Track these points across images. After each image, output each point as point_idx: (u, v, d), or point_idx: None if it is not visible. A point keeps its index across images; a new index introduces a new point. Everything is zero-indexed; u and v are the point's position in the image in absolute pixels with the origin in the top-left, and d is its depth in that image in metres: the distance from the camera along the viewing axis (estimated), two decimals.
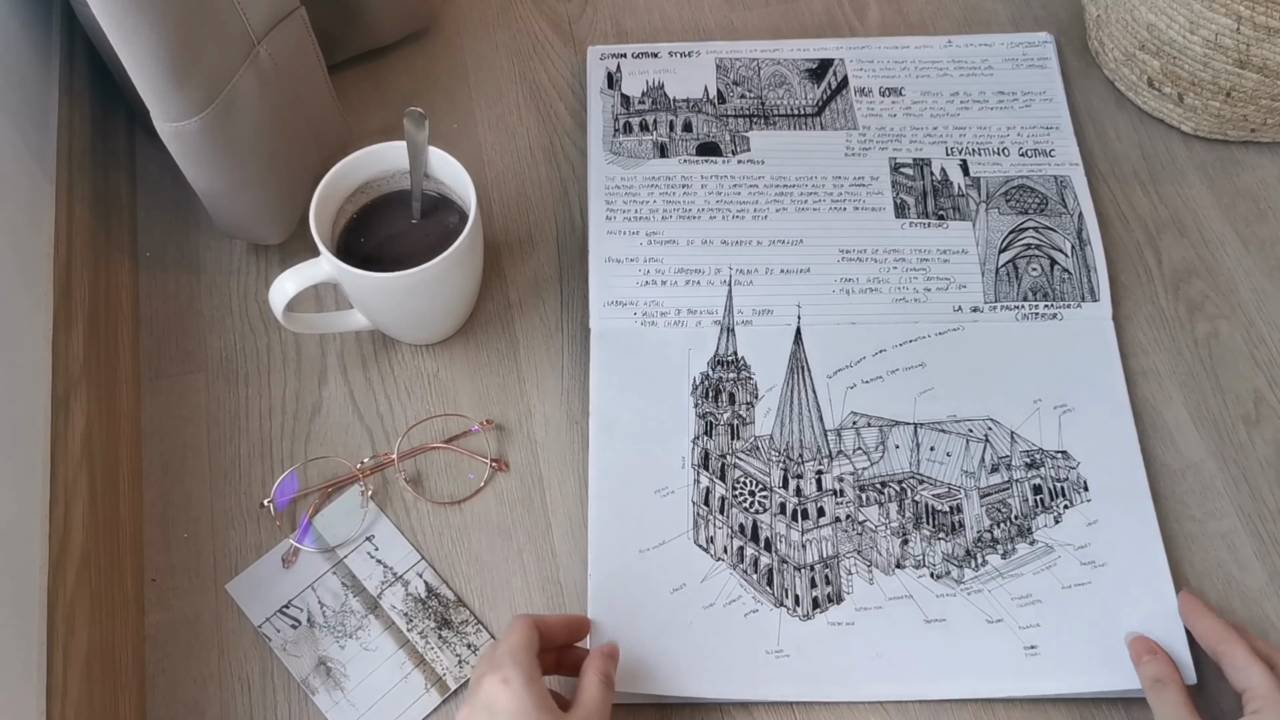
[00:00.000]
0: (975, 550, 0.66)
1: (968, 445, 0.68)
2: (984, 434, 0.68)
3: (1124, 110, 0.82)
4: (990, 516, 0.66)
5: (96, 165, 0.75)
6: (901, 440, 0.69)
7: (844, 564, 0.65)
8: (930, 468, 0.68)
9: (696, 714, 0.63)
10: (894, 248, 0.75)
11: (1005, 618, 0.63)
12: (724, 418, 0.70)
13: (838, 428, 0.69)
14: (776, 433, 0.69)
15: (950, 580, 0.65)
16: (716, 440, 0.69)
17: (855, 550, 0.66)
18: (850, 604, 0.64)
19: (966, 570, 0.65)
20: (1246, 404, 0.71)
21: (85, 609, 0.60)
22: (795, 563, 0.65)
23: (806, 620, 0.64)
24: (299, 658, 0.64)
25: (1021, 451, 0.68)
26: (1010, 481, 0.67)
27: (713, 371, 0.71)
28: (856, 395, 0.70)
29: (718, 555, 0.66)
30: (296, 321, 0.70)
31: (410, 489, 0.69)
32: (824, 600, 0.64)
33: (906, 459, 0.68)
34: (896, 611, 0.64)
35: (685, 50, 0.83)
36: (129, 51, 0.59)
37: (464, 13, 0.87)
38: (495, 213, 0.78)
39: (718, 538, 0.66)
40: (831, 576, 0.65)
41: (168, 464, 0.70)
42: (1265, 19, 0.69)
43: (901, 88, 0.82)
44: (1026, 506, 0.67)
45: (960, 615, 0.64)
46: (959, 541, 0.66)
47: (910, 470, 0.68)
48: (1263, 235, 0.77)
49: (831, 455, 0.68)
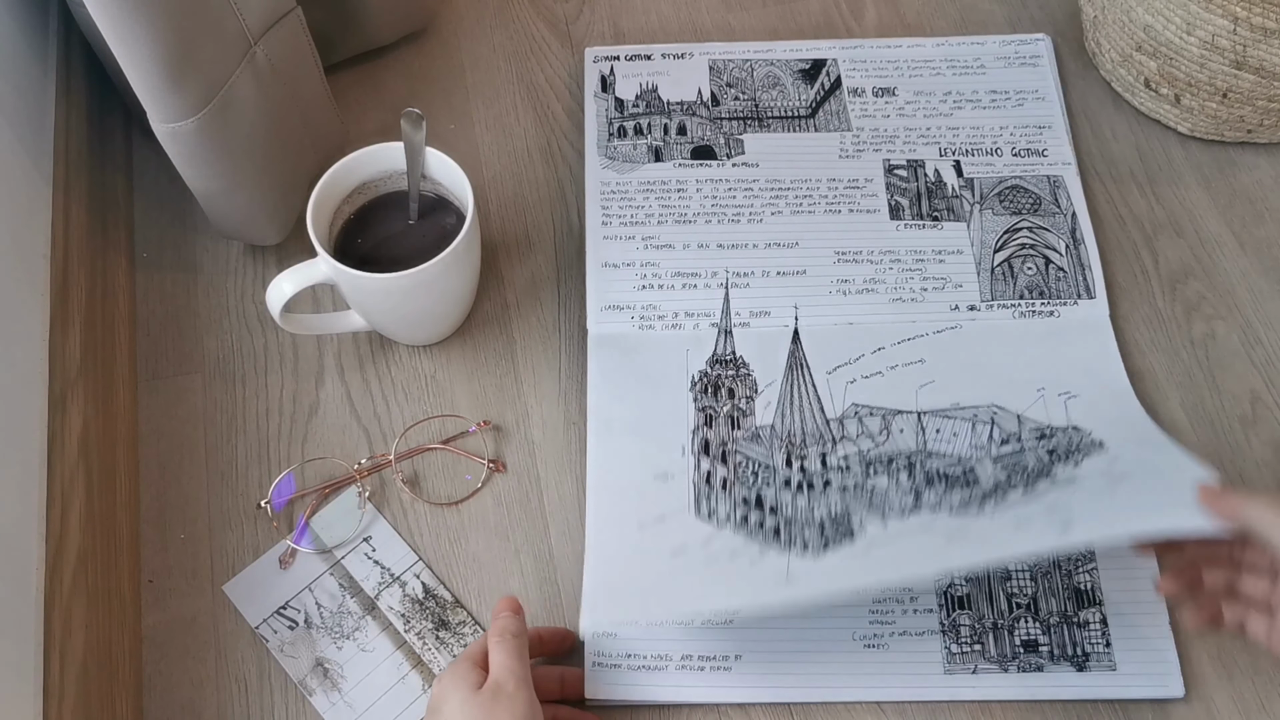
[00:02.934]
0: (993, 493, 0.64)
1: (974, 427, 0.67)
2: (990, 417, 0.68)
3: (1121, 111, 0.82)
4: (1006, 472, 0.65)
5: (93, 166, 0.75)
6: (906, 425, 0.68)
7: (855, 519, 0.65)
8: (939, 446, 0.67)
9: (695, 714, 0.63)
10: (889, 249, 0.75)
11: (1035, 519, 0.60)
12: (724, 410, 0.70)
13: (840, 417, 0.69)
14: (778, 423, 0.69)
15: (971, 514, 0.63)
16: (717, 430, 0.69)
17: (867, 506, 0.65)
18: (863, 541, 0.63)
19: (988, 505, 0.64)
20: (1243, 404, 0.71)
21: (82, 610, 0.60)
22: (803, 521, 0.65)
23: (819, 557, 0.63)
24: (296, 659, 0.64)
25: (1031, 429, 0.67)
26: (1023, 450, 0.67)
27: (711, 369, 0.71)
28: (857, 389, 0.70)
29: (720, 524, 0.66)
30: (294, 322, 0.70)
31: (407, 490, 0.69)
32: (835, 540, 0.64)
33: (913, 440, 0.68)
34: (914, 541, 0.62)
35: (679, 52, 0.83)
36: (125, 52, 0.59)
37: (461, 14, 0.87)
38: (492, 213, 0.78)
39: (720, 510, 0.66)
40: (842, 526, 0.64)
41: (165, 465, 0.70)
42: (1262, 20, 0.70)
43: (895, 88, 0.82)
44: (1043, 464, 0.66)
45: (984, 529, 0.62)
46: (975, 491, 0.65)
47: (918, 449, 0.68)
48: (1259, 236, 0.77)
49: (835, 440, 0.68)
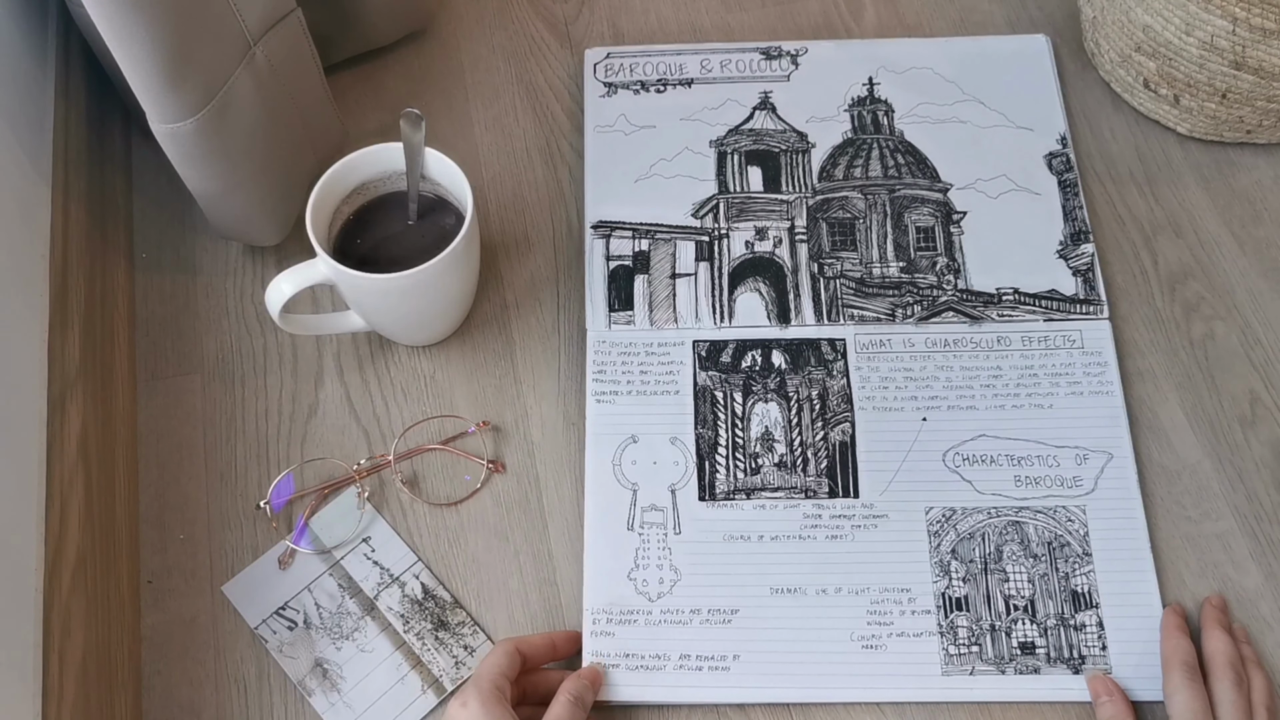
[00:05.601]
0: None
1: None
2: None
3: (1120, 111, 0.82)
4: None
5: (92, 166, 0.74)
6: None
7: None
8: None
9: (694, 714, 0.63)
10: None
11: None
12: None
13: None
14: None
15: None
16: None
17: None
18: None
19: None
20: (1242, 405, 0.71)
21: (81, 611, 0.60)
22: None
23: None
24: (295, 659, 0.64)
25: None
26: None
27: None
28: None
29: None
30: (293, 323, 0.70)
31: (407, 490, 0.69)
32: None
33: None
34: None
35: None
36: (124, 53, 0.59)
37: (460, 14, 0.87)
38: (492, 214, 0.78)
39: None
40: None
41: (164, 465, 0.70)
42: (1261, 20, 0.70)
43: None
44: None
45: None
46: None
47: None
48: (1258, 236, 0.77)
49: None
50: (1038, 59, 0.83)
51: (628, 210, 0.77)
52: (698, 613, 0.65)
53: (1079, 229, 0.76)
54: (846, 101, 0.81)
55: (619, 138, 0.80)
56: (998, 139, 0.79)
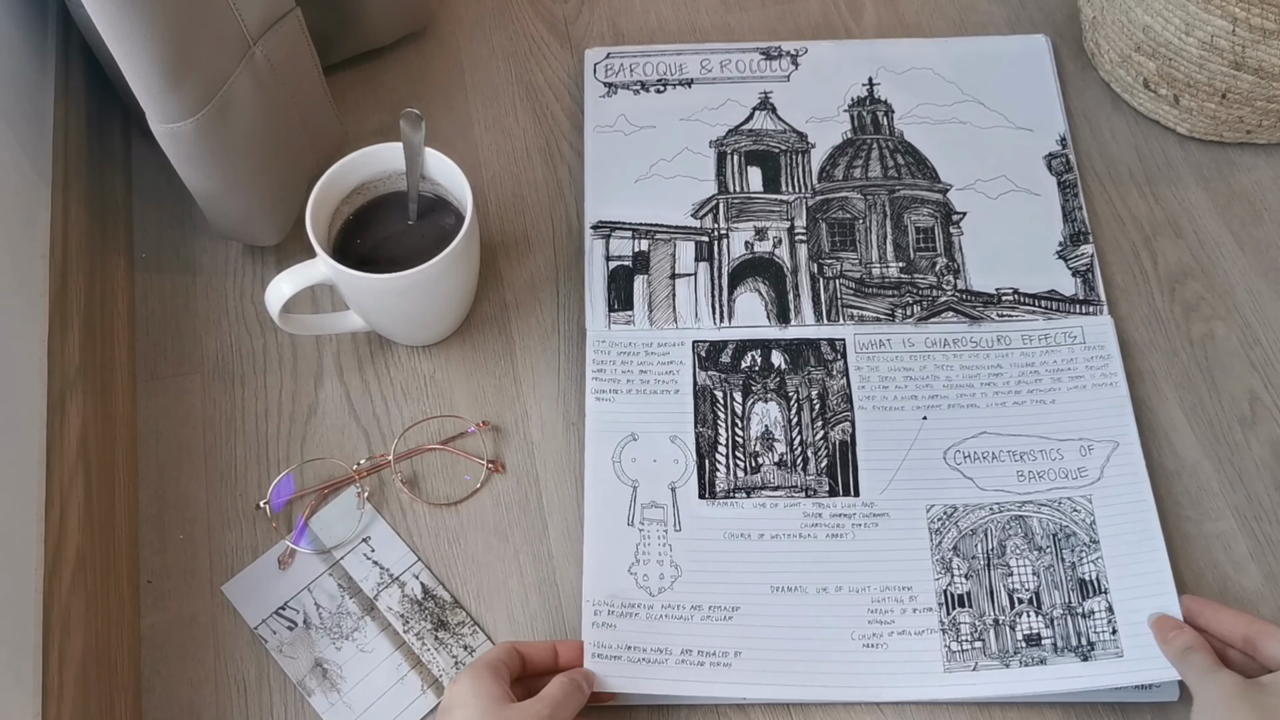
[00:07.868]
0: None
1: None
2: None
3: (1120, 112, 0.82)
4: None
5: (92, 166, 0.74)
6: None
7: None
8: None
9: (694, 714, 0.63)
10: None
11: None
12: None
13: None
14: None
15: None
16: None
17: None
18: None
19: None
20: (1242, 405, 0.71)
21: (81, 611, 0.60)
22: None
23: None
24: (295, 659, 0.64)
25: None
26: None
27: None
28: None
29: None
30: (293, 323, 0.70)
31: (406, 490, 0.69)
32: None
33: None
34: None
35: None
36: (124, 52, 0.59)
37: (460, 14, 0.87)
38: (491, 214, 0.78)
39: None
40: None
41: (164, 465, 0.70)
42: (1261, 21, 0.70)
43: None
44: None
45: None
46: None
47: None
48: (1258, 236, 0.77)
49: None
50: (1037, 59, 0.83)
51: (628, 210, 0.77)
52: (698, 609, 0.65)
53: (1079, 229, 0.76)
54: (846, 102, 0.81)
55: (619, 138, 0.80)
56: (997, 139, 0.79)
